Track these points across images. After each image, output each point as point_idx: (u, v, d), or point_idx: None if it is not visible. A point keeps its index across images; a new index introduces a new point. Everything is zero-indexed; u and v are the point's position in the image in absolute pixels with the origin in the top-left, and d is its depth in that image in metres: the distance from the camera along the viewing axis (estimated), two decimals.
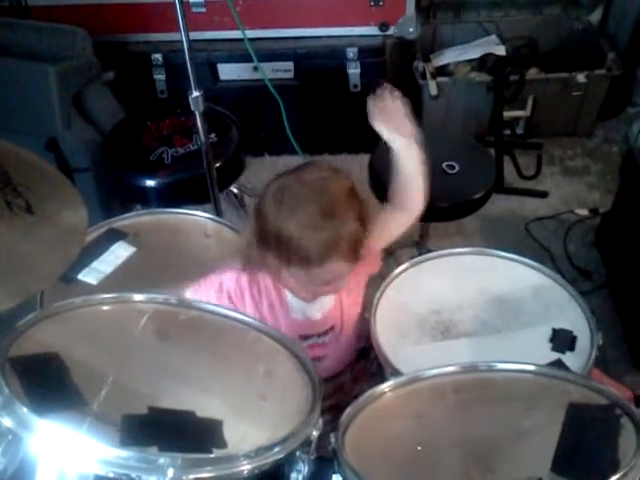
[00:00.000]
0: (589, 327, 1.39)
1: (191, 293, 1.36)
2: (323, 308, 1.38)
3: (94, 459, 0.83)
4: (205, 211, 1.82)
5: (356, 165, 2.78)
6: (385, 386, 1.12)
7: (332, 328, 1.40)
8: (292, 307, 1.36)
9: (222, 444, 0.90)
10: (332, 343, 1.42)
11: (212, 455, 0.88)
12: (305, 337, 1.39)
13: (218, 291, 1.35)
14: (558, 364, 1.29)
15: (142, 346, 1.10)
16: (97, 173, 2.35)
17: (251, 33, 2.45)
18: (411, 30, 2.67)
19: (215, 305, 1.23)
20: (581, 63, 2.80)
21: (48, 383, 0.92)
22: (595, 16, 2.97)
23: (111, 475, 0.84)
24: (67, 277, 1.55)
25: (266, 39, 2.60)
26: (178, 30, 1.69)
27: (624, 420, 0.98)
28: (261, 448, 0.90)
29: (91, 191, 2.36)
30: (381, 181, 1.97)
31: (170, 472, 0.82)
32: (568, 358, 1.33)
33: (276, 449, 0.91)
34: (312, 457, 0.98)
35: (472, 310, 1.46)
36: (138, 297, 1.17)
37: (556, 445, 0.95)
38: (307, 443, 0.97)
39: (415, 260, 1.58)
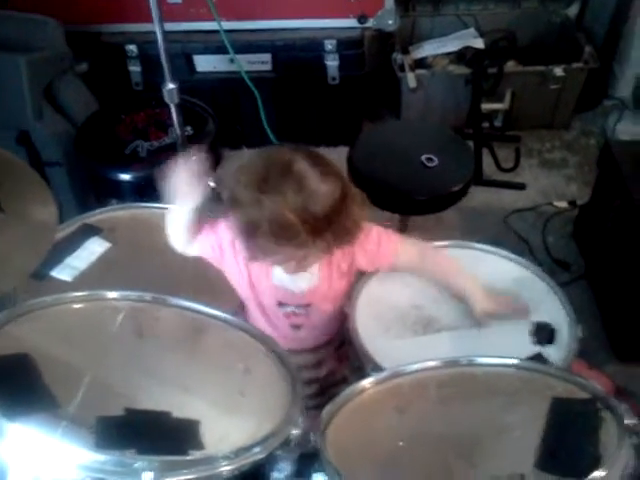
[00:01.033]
0: (569, 320, 1.39)
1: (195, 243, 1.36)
2: (304, 284, 1.37)
3: (69, 464, 0.80)
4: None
5: (334, 157, 2.75)
6: (366, 382, 1.11)
7: (310, 304, 1.40)
8: (274, 274, 1.36)
9: (199, 445, 0.88)
10: (311, 316, 1.42)
11: (189, 457, 0.86)
12: (283, 304, 1.40)
13: (216, 240, 1.34)
14: (538, 358, 1.28)
15: (117, 344, 1.07)
16: (70, 167, 2.30)
17: (228, 25, 2.41)
18: (390, 22, 2.65)
19: (191, 301, 1.20)
20: (558, 56, 2.81)
21: (19, 385, 0.90)
22: (572, 10, 2.98)
23: None
24: (40, 274, 1.51)
25: (243, 31, 2.56)
26: (153, 21, 1.66)
27: (605, 414, 0.97)
28: (240, 449, 0.88)
29: (64, 185, 2.31)
30: (360, 174, 1.96)
31: (147, 476, 0.80)
32: (549, 351, 1.32)
33: (256, 449, 0.90)
34: (293, 455, 0.96)
35: (453, 304, 1.45)
36: (111, 294, 1.14)
37: (539, 440, 0.94)
38: (287, 442, 0.95)
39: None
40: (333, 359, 1.54)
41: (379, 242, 1.38)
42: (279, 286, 1.37)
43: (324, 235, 1.19)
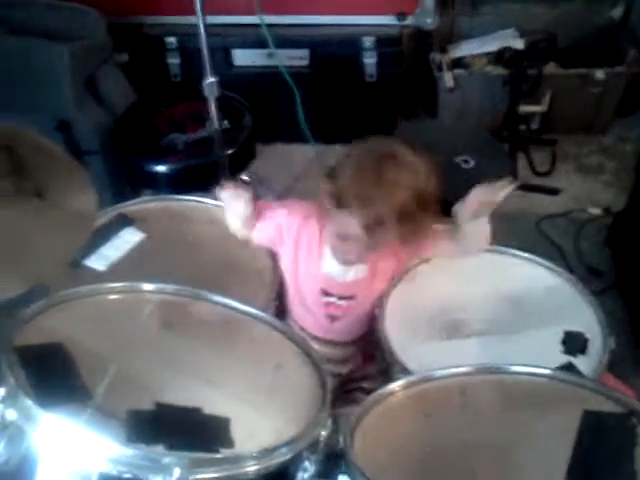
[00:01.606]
0: (602, 330, 1.37)
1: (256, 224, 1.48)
2: (353, 275, 1.42)
3: (99, 456, 0.81)
4: (215, 199, 1.80)
5: None
6: (395, 385, 1.11)
7: (353, 297, 1.44)
8: (326, 262, 1.41)
9: (229, 443, 0.89)
10: (350, 310, 1.45)
11: (219, 455, 0.86)
12: (326, 293, 1.44)
13: (276, 226, 1.45)
14: (569, 367, 1.26)
15: (149, 338, 1.08)
16: (107, 156, 2.32)
17: (267, 19, 2.41)
18: (429, 21, 2.63)
19: (225, 297, 1.21)
20: (600, 59, 2.75)
21: (53, 374, 0.91)
22: (617, 11, 2.92)
23: (115, 473, 0.82)
24: (74, 262, 1.53)
25: (282, 25, 2.56)
26: (194, 13, 1.67)
27: None
28: (268, 449, 0.88)
29: (101, 174, 2.33)
30: None
31: (176, 472, 0.80)
32: (579, 361, 1.30)
33: (283, 450, 0.90)
34: (319, 457, 0.96)
35: (483, 309, 1.44)
36: (147, 287, 1.15)
37: (571, 454, 0.93)
38: (315, 444, 0.95)
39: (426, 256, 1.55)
40: (358, 358, 1.55)
41: (435, 243, 1.44)
42: (327, 275, 1.42)
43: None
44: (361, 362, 1.56)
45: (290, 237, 1.44)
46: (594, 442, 0.93)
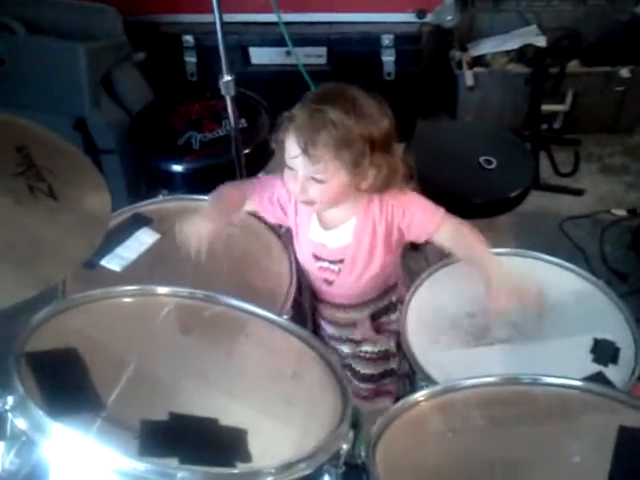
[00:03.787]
0: (633, 338, 1.32)
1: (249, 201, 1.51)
2: (338, 240, 1.43)
3: (110, 469, 0.78)
4: None
5: None
6: (418, 395, 1.06)
7: (342, 261, 1.44)
8: (312, 227, 1.44)
9: (247, 457, 0.85)
10: (344, 273, 1.46)
11: (236, 470, 0.82)
12: (318, 258, 1.46)
13: (269, 201, 1.47)
14: (600, 378, 1.21)
15: (163, 342, 1.05)
16: (124, 155, 2.31)
17: (284, 17, 2.37)
18: (449, 18, 2.59)
19: (241, 301, 1.18)
20: (625, 57, 2.70)
21: (65, 382, 0.88)
22: None
23: None
24: (90, 263, 1.50)
25: (299, 23, 2.53)
26: (211, 11, 1.64)
27: None
28: (288, 464, 0.84)
29: (117, 173, 2.32)
30: (416, 172, 1.90)
31: None
32: (610, 371, 1.25)
33: (303, 464, 0.86)
34: (340, 471, 0.92)
35: (508, 315, 1.39)
36: (162, 290, 1.12)
37: (606, 473, 0.88)
38: (336, 457, 0.91)
39: (448, 259, 1.51)
40: (368, 328, 1.55)
41: (424, 209, 1.40)
42: (315, 240, 1.44)
43: (376, 158, 1.29)
44: (373, 333, 1.56)
45: (287, 206, 1.46)
46: (633, 460, 0.88)
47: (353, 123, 1.26)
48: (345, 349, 1.57)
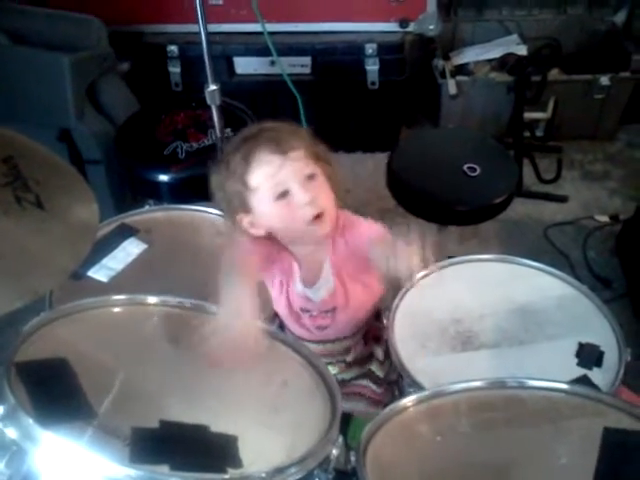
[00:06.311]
0: (617, 342, 1.34)
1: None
2: (324, 292, 1.37)
3: (101, 476, 0.78)
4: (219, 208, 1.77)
5: (370, 164, 2.75)
6: (406, 401, 1.07)
7: (334, 309, 1.40)
8: (295, 284, 1.37)
9: (237, 463, 0.85)
10: (336, 318, 1.41)
11: (227, 476, 0.83)
12: (307, 310, 1.40)
13: (268, 260, 1.37)
14: (585, 381, 1.23)
15: (153, 351, 1.06)
16: (109, 166, 2.31)
17: (269, 26, 2.39)
18: (431, 27, 2.62)
19: None
20: (605, 65, 2.74)
21: (55, 391, 0.88)
22: (620, 17, 2.90)
23: None
24: (77, 274, 1.50)
25: (283, 33, 2.55)
26: (196, 21, 1.65)
27: None
28: (278, 469, 0.85)
29: (103, 184, 2.32)
30: (400, 180, 1.92)
31: None
32: (594, 374, 1.27)
33: (293, 469, 0.87)
34: (330, 476, 0.93)
35: (494, 320, 1.41)
36: (151, 299, 1.12)
37: (594, 474, 0.89)
38: (326, 462, 0.92)
39: (435, 266, 1.53)
40: (360, 345, 1.52)
41: (360, 221, 1.37)
42: (300, 295, 1.38)
43: (319, 161, 1.28)
44: (363, 347, 1.52)
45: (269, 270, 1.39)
46: (618, 461, 0.90)
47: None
48: (334, 371, 1.50)
